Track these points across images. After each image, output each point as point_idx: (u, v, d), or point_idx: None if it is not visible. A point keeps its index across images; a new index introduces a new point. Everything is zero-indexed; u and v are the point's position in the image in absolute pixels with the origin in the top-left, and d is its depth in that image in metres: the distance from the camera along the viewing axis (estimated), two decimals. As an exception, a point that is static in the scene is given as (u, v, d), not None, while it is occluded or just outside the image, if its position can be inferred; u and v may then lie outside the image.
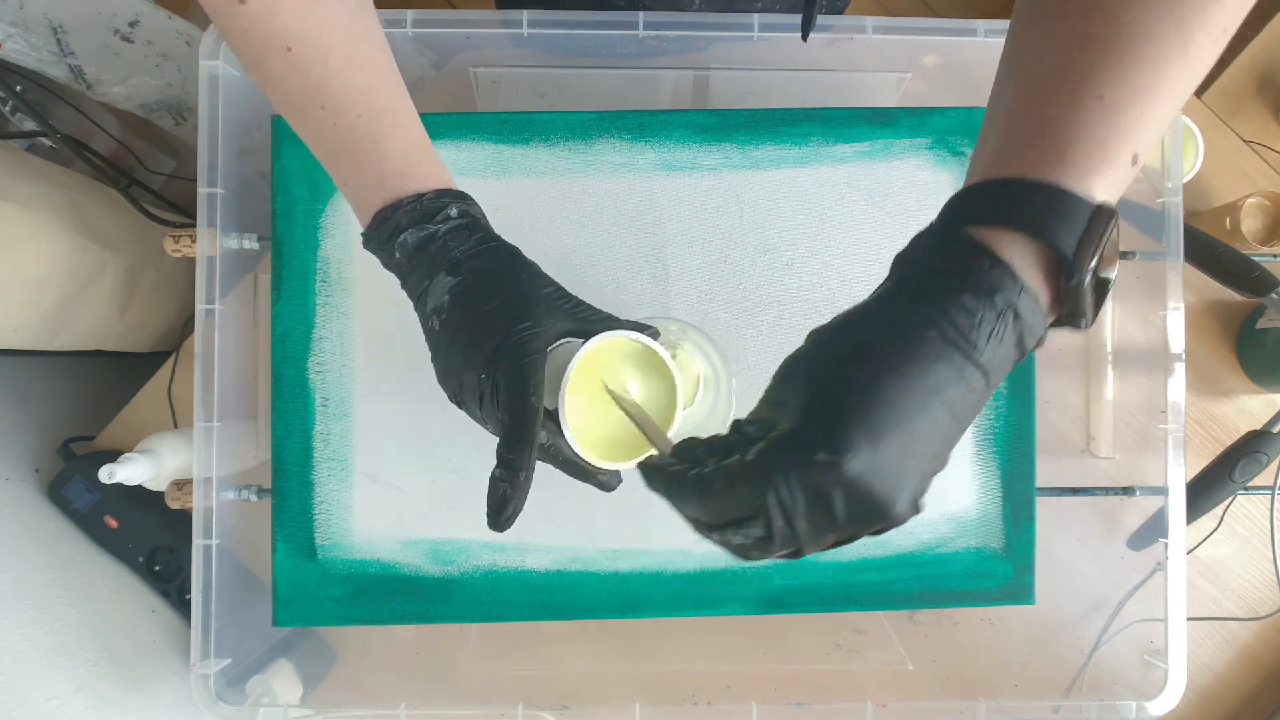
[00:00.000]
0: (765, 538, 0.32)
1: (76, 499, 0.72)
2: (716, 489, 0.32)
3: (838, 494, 0.30)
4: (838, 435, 0.31)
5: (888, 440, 0.31)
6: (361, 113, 0.42)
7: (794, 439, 0.32)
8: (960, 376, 0.32)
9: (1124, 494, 0.66)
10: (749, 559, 0.34)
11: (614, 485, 0.47)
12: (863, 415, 0.31)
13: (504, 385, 0.40)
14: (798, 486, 0.30)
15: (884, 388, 0.31)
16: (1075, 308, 0.34)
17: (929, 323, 0.32)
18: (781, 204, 0.63)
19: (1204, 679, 0.78)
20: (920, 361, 0.31)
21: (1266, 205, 0.77)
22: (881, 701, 0.62)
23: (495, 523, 0.40)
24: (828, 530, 0.31)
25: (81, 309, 0.74)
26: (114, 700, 0.65)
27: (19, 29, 0.71)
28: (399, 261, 0.43)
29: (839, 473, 0.30)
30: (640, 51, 0.65)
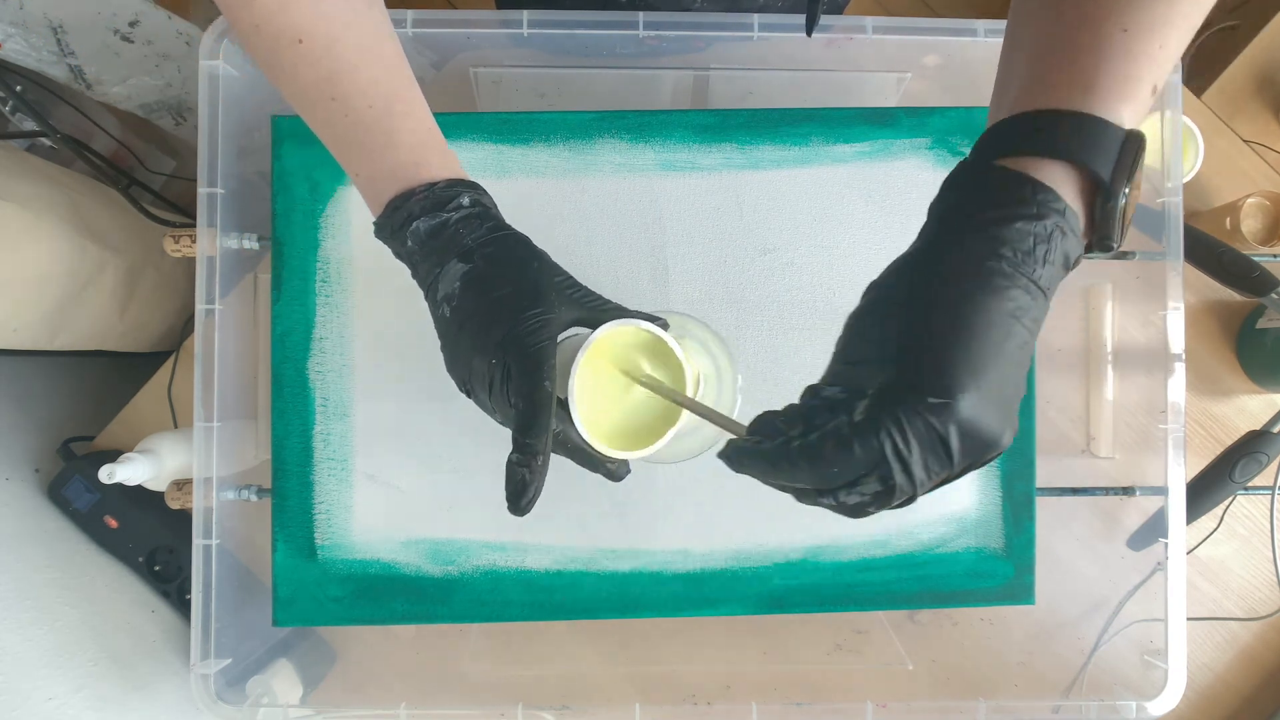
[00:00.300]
0: (884, 491, 0.33)
1: (76, 499, 0.72)
2: (829, 453, 0.33)
3: (953, 434, 0.31)
4: (944, 377, 0.32)
5: (989, 372, 0.32)
6: (373, 104, 0.42)
7: (900, 390, 0.32)
8: (1030, 299, 0.33)
9: (1124, 494, 0.66)
10: (863, 515, 0.35)
11: (622, 475, 0.47)
12: (961, 353, 0.32)
13: (517, 371, 0.40)
14: (913, 435, 0.31)
15: (972, 323, 0.32)
16: (1108, 231, 0.35)
17: (992, 253, 0.33)
18: (781, 204, 0.63)
19: (1204, 679, 0.78)
20: (995, 292, 0.33)
21: (1266, 205, 0.77)
22: (881, 701, 0.62)
23: (516, 508, 0.41)
24: (943, 472, 0.32)
25: (81, 309, 0.73)
26: (114, 700, 0.65)
27: (19, 29, 0.71)
28: (410, 250, 0.43)
29: (953, 413, 0.31)
30: (640, 51, 0.65)
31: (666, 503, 0.62)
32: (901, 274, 0.36)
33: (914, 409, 0.31)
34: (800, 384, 0.37)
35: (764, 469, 0.35)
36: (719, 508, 0.62)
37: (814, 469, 0.33)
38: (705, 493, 0.62)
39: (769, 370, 0.62)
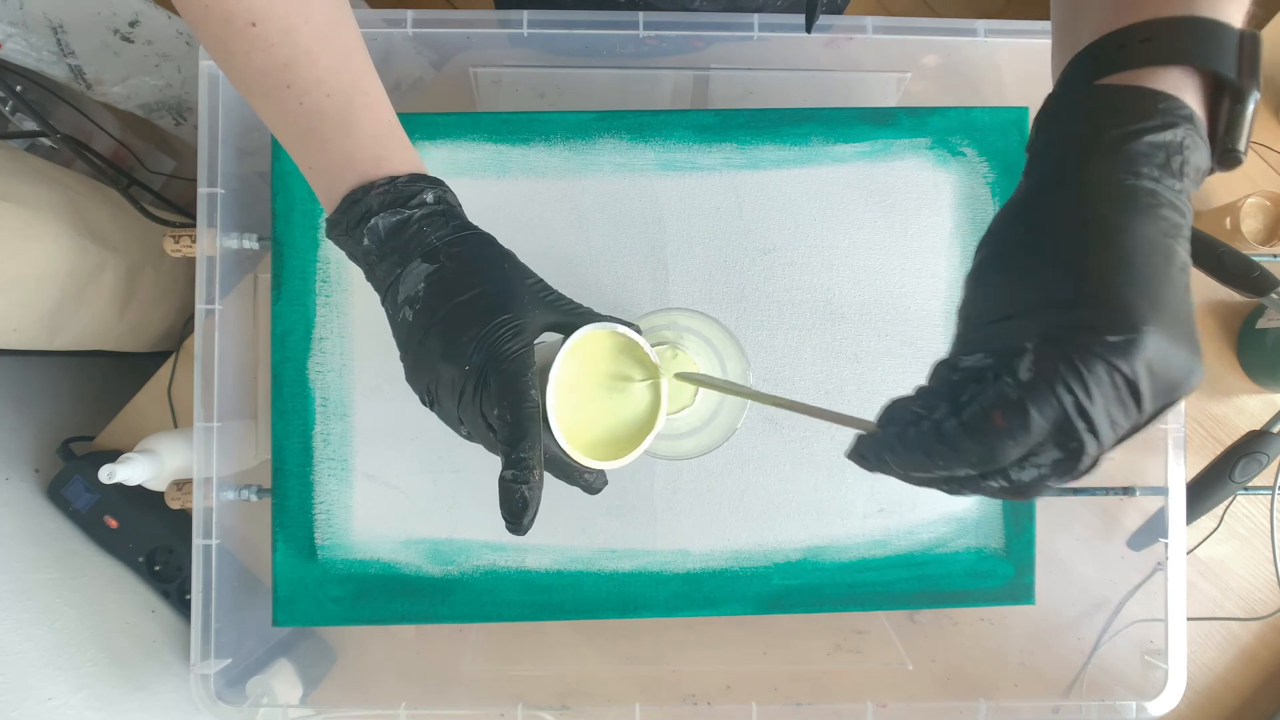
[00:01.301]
0: (1066, 458, 0.29)
1: (76, 499, 0.72)
2: (1000, 423, 0.28)
3: (1142, 376, 0.27)
4: (1122, 310, 0.27)
5: (1168, 300, 0.28)
6: (330, 93, 0.40)
7: (1071, 333, 0.28)
8: (1180, 216, 0.30)
9: (1124, 494, 0.66)
10: (1040, 494, 0.30)
11: (599, 487, 0.44)
12: (1130, 281, 0.28)
13: (497, 382, 0.37)
14: (1095, 384, 0.27)
15: (1134, 249, 0.28)
16: (1234, 139, 0.32)
17: (1130, 172, 0.30)
18: (781, 204, 0.63)
19: (1204, 679, 0.78)
20: (1146, 213, 0.29)
21: (1267, 205, 0.77)
22: (882, 702, 0.62)
23: (518, 527, 0.38)
24: (1129, 420, 0.28)
25: (81, 309, 0.73)
26: (114, 700, 0.65)
27: (19, 29, 0.71)
28: (366, 249, 0.40)
29: (1140, 350, 0.27)
30: (640, 51, 0.65)
31: (666, 503, 0.62)
32: (1021, 218, 0.32)
33: (1093, 352, 0.27)
34: (801, 384, 0.36)
35: (914, 460, 0.31)
36: (719, 508, 0.62)
37: (982, 446, 0.29)
38: (705, 493, 0.62)
39: (769, 370, 0.62)
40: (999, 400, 0.28)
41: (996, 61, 0.65)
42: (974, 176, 0.63)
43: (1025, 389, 0.28)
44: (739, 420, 0.54)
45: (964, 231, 0.63)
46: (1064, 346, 0.27)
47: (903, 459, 0.31)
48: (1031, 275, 0.30)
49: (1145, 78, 0.32)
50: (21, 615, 0.62)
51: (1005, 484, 0.30)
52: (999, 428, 0.28)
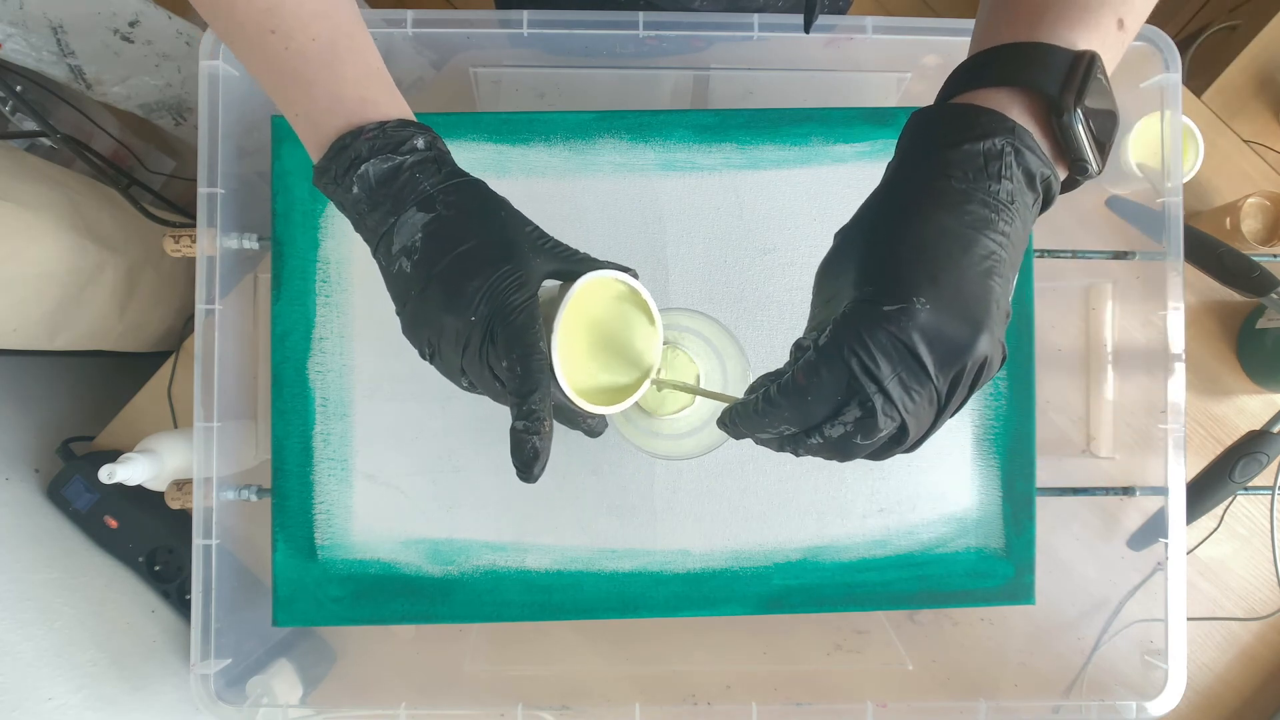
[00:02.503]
0: (864, 416, 0.32)
1: (76, 499, 0.72)
2: (801, 384, 0.33)
3: (918, 341, 0.31)
4: (897, 284, 0.31)
5: (945, 275, 0.32)
6: (316, 36, 0.39)
7: (857, 307, 0.32)
8: (990, 213, 0.33)
9: (1124, 494, 0.66)
10: (854, 452, 0.34)
11: (600, 430, 0.46)
12: (914, 260, 0.32)
13: (504, 334, 0.38)
14: (877, 346, 0.31)
15: (923, 234, 0.32)
16: (1076, 151, 0.35)
17: (938, 174, 0.34)
18: (781, 204, 0.63)
19: (1204, 679, 0.78)
20: (945, 207, 0.33)
21: (1266, 205, 0.77)
22: (882, 702, 0.62)
23: (529, 476, 0.39)
24: (922, 387, 0.32)
25: (81, 309, 0.73)
26: (113, 700, 0.65)
27: (19, 29, 0.71)
28: (356, 198, 0.39)
29: (911, 317, 0.31)
30: (640, 51, 0.65)
31: (666, 503, 0.62)
32: (857, 217, 0.37)
33: (872, 321, 0.31)
34: (800, 383, 0.37)
35: (753, 421, 0.35)
36: (719, 508, 0.62)
37: (792, 405, 0.33)
38: (705, 493, 0.62)
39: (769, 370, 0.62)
40: (803, 364, 0.33)
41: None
42: (974, 176, 0.63)
43: (820, 352, 0.32)
44: (739, 420, 0.54)
45: (964, 231, 0.63)
46: (853, 318, 0.32)
47: (745, 421, 0.36)
48: (850, 263, 0.35)
49: (980, 98, 0.36)
50: (21, 615, 0.62)
51: (821, 440, 0.34)
52: (801, 386, 0.33)
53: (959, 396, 0.33)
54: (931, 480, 0.63)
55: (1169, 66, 0.62)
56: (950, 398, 0.33)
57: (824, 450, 0.34)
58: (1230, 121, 0.81)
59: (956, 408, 0.33)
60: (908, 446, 0.34)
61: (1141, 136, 0.69)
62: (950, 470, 0.63)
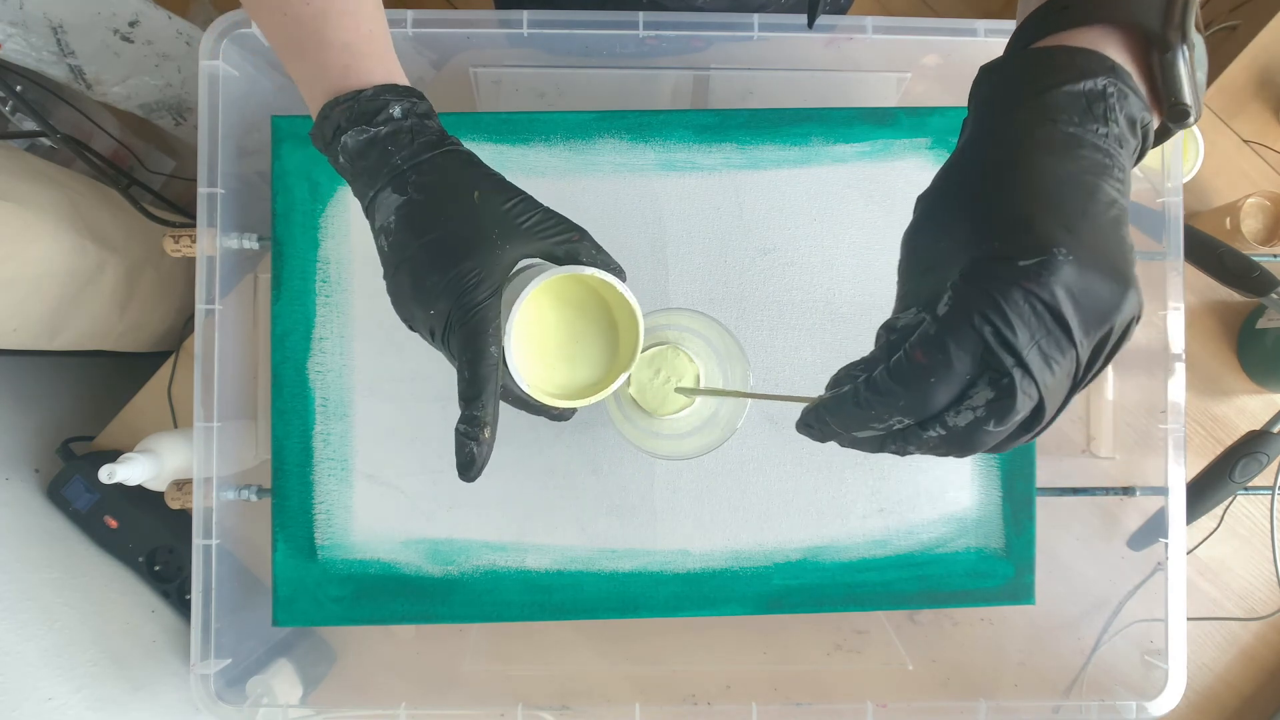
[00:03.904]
0: (999, 397, 0.27)
1: (76, 499, 0.72)
2: (920, 363, 0.28)
3: (1062, 299, 0.26)
4: (1031, 235, 0.27)
5: (1081, 224, 0.27)
6: (310, 1, 0.39)
7: (983, 265, 0.27)
8: (1103, 158, 0.30)
9: (1124, 494, 0.66)
10: (984, 443, 0.29)
11: (567, 417, 0.46)
12: (1046, 208, 0.28)
13: (458, 335, 0.38)
14: (1013, 309, 0.26)
15: (1047, 183, 0.28)
16: (1175, 92, 0.32)
17: (1041, 120, 0.30)
18: (781, 204, 0.63)
19: (1204, 679, 0.78)
20: (1058, 152, 0.29)
21: (1267, 205, 0.77)
22: (882, 702, 0.62)
23: (466, 476, 0.39)
24: (1063, 355, 0.27)
25: (81, 309, 0.73)
26: (113, 700, 0.65)
27: (19, 29, 0.71)
28: (342, 166, 0.40)
29: (1054, 271, 0.26)
30: (640, 51, 0.65)
31: (666, 503, 0.62)
32: (947, 174, 0.33)
33: (1006, 279, 0.26)
34: (802, 384, 0.36)
35: (851, 416, 0.30)
36: (719, 508, 0.62)
37: (909, 389, 0.28)
38: (705, 493, 0.62)
39: (769, 370, 0.62)
40: (919, 339, 0.28)
41: (996, 61, 0.65)
42: (974, 176, 0.63)
43: (942, 323, 0.28)
44: (739, 420, 0.54)
45: (964, 231, 0.63)
46: (980, 279, 0.27)
47: (840, 417, 0.31)
48: (954, 223, 0.30)
49: (1069, 39, 0.32)
50: (21, 615, 0.62)
51: (942, 431, 0.29)
52: (921, 365, 0.28)
53: (1098, 366, 0.28)
54: (931, 480, 0.63)
55: (1169, 66, 0.62)
56: (1089, 368, 0.28)
57: (945, 444, 0.30)
58: (1230, 121, 0.81)
59: (1090, 380, 0.29)
60: (1038, 431, 0.29)
61: (1141, 136, 0.69)
62: (950, 470, 0.63)
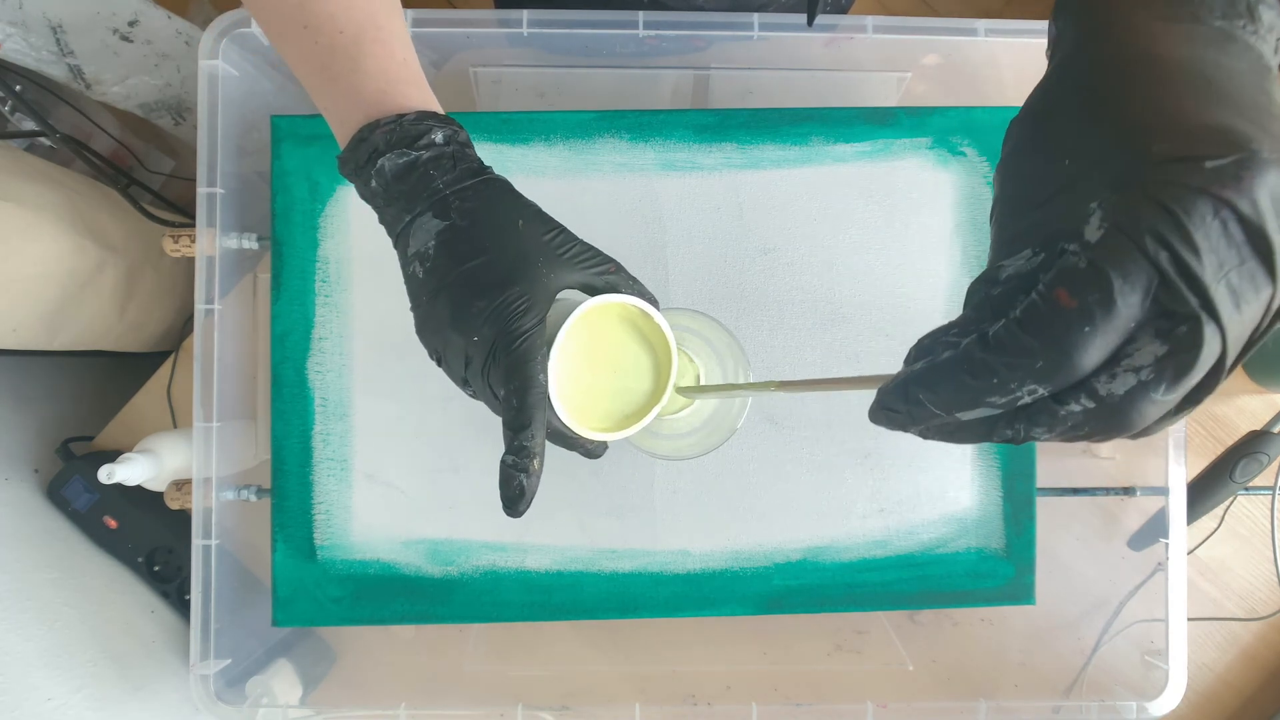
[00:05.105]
0: (1176, 351, 0.20)
1: (76, 499, 0.72)
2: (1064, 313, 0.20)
3: (1268, 209, 0.19)
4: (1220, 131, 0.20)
5: (1272, 121, 0.21)
6: (343, 29, 0.39)
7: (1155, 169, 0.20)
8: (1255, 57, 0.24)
9: (1125, 494, 0.66)
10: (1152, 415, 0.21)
11: (599, 454, 0.45)
12: (1226, 105, 0.21)
13: (505, 363, 0.36)
14: (1200, 226, 0.19)
15: (1215, 76, 0.22)
16: None
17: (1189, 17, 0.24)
18: (781, 204, 0.63)
19: (1205, 679, 0.78)
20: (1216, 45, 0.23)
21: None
22: (882, 702, 0.62)
23: (514, 512, 0.38)
24: (1258, 295, 0.20)
25: (80, 309, 0.73)
26: (113, 701, 0.65)
27: (18, 28, 0.71)
28: (374, 191, 0.39)
29: (1260, 170, 0.19)
30: (640, 51, 0.65)
31: (666, 503, 0.62)
32: (1067, 81, 0.25)
33: (1189, 186, 0.19)
34: (801, 384, 0.36)
35: (959, 388, 0.22)
36: (719, 508, 0.62)
37: (1050, 345, 0.21)
38: (705, 493, 0.62)
39: (769, 370, 0.62)
40: (1061, 275, 0.21)
41: (997, 61, 0.65)
42: (974, 176, 0.63)
43: (1098, 250, 0.20)
44: (739, 420, 0.54)
45: (964, 232, 0.63)
46: (1145, 188, 0.20)
47: (943, 393, 0.23)
48: (1083, 137, 0.23)
49: None
50: (21, 615, 0.62)
51: (1090, 404, 0.21)
52: (1069, 310, 0.20)
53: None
54: (931, 480, 0.63)
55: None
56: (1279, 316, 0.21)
57: (1090, 421, 0.22)
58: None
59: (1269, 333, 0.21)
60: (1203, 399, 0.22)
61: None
62: (950, 470, 0.63)
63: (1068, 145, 0.23)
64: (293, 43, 0.40)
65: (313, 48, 0.40)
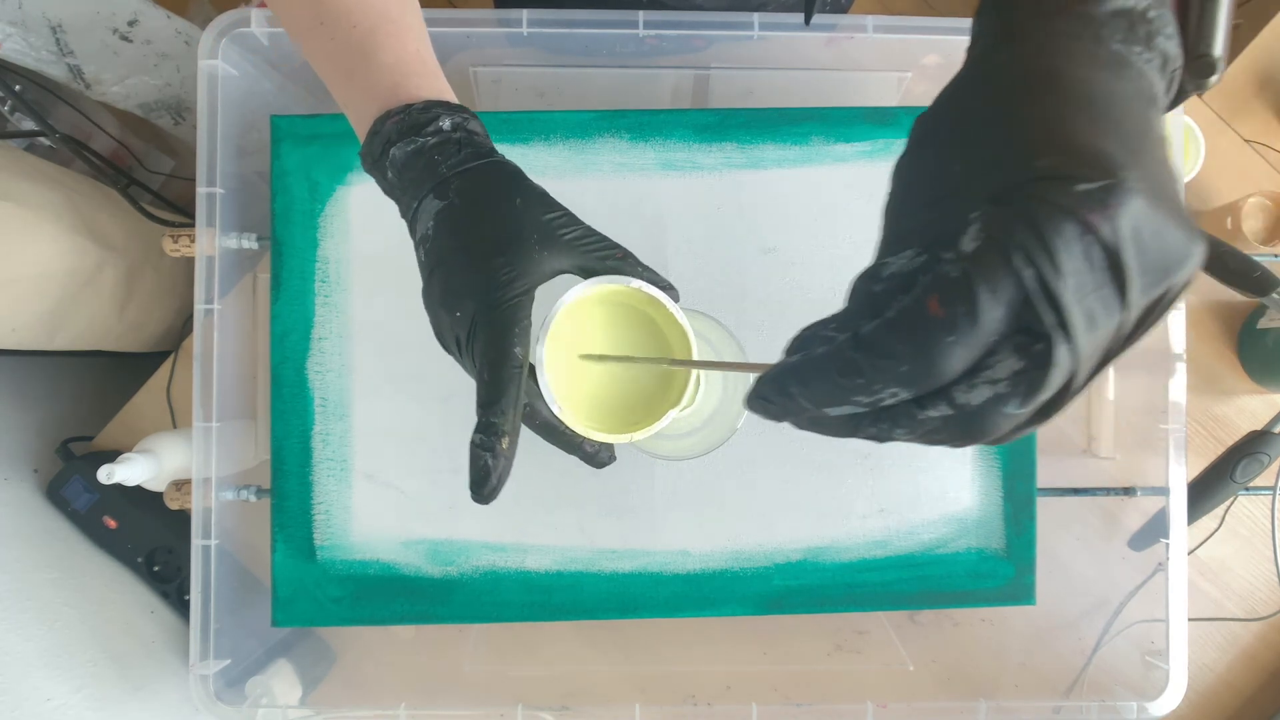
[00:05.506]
0: (1030, 368, 0.21)
1: (75, 499, 0.72)
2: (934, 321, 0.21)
3: (1127, 241, 0.20)
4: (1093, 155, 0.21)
5: (1147, 156, 0.21)
6: (356, 24, 0.39)
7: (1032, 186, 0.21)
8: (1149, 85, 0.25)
9: (1125, 494, 0.66)
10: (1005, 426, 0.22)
11: (605, 461, 0.40)
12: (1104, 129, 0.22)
13: (482, 333, 0.35)
14: (1065, 249, 0.20)
15: (1101, 98, 0.23)
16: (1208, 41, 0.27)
17: (1091, 35, 0.25)
18: (781, 204, 0.62)
19: (1205, 680, 0.78)
20: (1109, 69, 0.24)
21: (1268, 205, 0.77)
22: (882, 702, 0.62)
23: (479, 495, 0.35)
24: (1110, 318, 0.21)
25: (80, 309, 0.73)
26: (113, 701, 0.64)
27: (18, 28, 0.71)
28: (391, 182, 0.39)
29: (1122, 200, 0.20)
30: (640, 51, 0.65)
31: (666, 503, 0.62)
32: (967, 87, 0.26)
33: (1059, 206, 0.20)
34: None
35: (828, 385, 0.23)
36: (719, 508, 0.62)
37: (915, 348, 0.21)
38: (705, 493, 0.62)
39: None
40: (935, 282, 0.21)
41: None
42: (975, 176, 0.63)
43: (971, 261, 0.21)
44: (739, 420, 0.54)
45: (965, 231, 0.63)
46: (1020, 205, 0.20)
47: (813, 388, 0.24)
48: (975, 142, 0.24)
49: None
50: (21, 615, 0.62)
51: (948, 410, 0.22)
52: (936, 319, 0.21)
53: (1138, 337, 0.22)
54: (932, 480, 0.63)
55: (1170, 66, 0.62)
56: (1129, 340, 0.22)
57: (945, 429, 0.23)
58: (1231, 121, 0.81)
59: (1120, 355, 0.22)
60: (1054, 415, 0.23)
61: (1142, 136, 0.68)
62: (950, 470, 0.63)
63: (960, 150, 0.24)
64: (310, 40, 0.41)
65: (329, 44, 0.40)
